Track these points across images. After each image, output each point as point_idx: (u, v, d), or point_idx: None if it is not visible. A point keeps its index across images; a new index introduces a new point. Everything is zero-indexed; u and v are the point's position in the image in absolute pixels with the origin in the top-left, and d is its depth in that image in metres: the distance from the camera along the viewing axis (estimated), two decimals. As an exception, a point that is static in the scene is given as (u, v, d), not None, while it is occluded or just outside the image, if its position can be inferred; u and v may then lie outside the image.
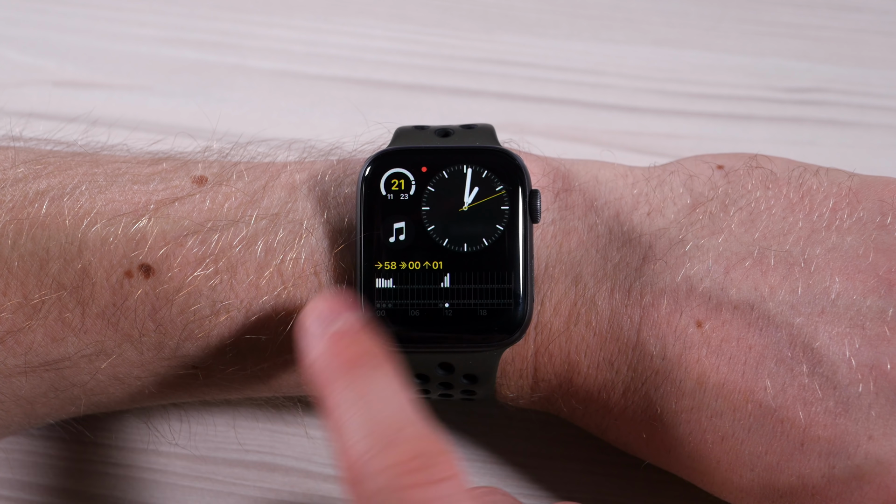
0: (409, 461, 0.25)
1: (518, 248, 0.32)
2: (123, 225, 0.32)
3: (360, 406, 0.27)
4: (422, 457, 0.25)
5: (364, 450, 0.26)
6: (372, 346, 0.28)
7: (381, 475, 0.25)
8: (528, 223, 0.32)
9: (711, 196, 0.34)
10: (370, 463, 0.25)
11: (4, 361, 0.32)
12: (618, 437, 0.35)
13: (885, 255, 0.33)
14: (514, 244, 0.32)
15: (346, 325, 0.29)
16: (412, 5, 0.50)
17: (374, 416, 0.26)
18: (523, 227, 0.32)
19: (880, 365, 0.31)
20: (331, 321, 0.29)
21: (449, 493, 0.25)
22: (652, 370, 0.32)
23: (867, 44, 0.49)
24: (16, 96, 0.47)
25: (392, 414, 0.26)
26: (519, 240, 0.32)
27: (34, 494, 0.38)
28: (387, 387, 0.27)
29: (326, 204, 0.33)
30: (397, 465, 0.25)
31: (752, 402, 0.32)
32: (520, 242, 0.32)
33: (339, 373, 0.27)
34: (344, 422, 0.26)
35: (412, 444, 0.26)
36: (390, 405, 0.27)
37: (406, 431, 0.26)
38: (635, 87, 0.48)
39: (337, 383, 0.27)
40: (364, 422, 0.26)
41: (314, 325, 0.29)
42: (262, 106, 0.47)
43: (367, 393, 0.27)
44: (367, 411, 0.26)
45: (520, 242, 0.32)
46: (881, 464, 0.31)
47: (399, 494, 0.25)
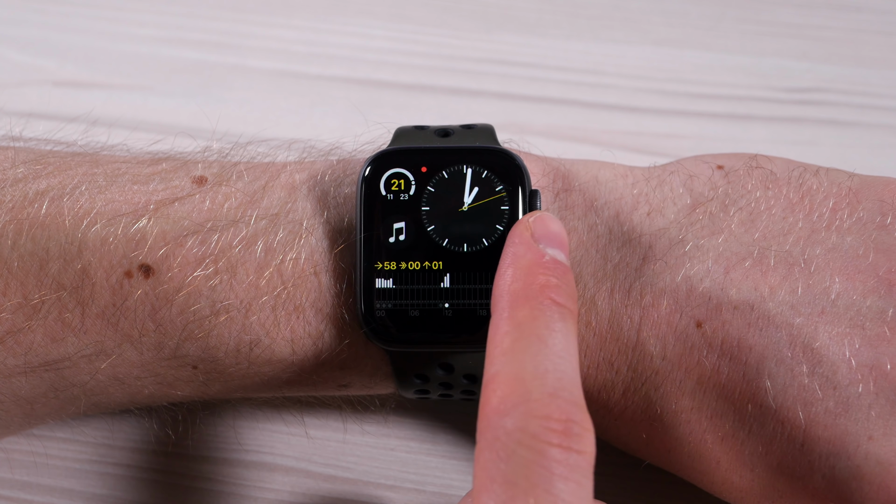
0: (561, 421, 0.25)
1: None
2: (123, 225, 0.32)
3: (541, 344, 0.26)
4: (574, 423, 0.25)
5: (525, 389, 0.25)
6: (575, 294, 0.28)
7: (531, 419, 0.25)
8: (528, 223, 0.32)
9: (711, 196, 0.34)
10: (526, 404, 0.25)
11: (4, 362, 0.32)
12: (618, 437, 0.35)
13: (885, 256, 0.33)
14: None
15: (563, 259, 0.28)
16: (412, 5, 0.50)
17: (548, 362, 0.26)
18: (523, 227, 0.32)
19: (880, 365, 0.31)
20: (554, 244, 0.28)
21: (581, 467, 0.25)
22: (652, 370, 0.32)
23: (867, 44, 0.49)
24: (16, 96, 0.47)
25: (565, 369, 0.26)
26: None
27: (34, 494, 0.38)
28: (570, 340, 0.27)
29: (326, 204, 0.33)
30: (550, 419, 0.25)
31: (752, 403, 0.32)
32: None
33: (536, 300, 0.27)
34: (519, 350, 0.26)
35: (570, 408, 0.25)
36: (566, 360, 0.26)
37: (570, 392, 0.25)
38: (635, 87, 0.48)
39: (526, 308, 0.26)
40: (538, 361, 0.26)
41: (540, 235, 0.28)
42: (262, 106, 0.47)
43: (551, 335, 0.26)
44: (546, 353, 0.26)
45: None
46: (881, 464, 0.31)
47: (540, 445, 0.24)
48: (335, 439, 0.39)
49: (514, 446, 0.24)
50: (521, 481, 0.24)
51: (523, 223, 0.29)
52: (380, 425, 0.39)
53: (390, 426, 0.39)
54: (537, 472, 0.24)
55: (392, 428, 0.39)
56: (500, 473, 0.24)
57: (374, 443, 0.39)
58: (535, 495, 0.24)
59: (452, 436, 0.39)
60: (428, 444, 0.39)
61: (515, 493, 0.24)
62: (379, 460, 0.38)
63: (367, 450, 0.39)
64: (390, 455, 0.38)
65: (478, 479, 0.25)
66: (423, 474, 0.38)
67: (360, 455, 0.38)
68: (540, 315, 0.27)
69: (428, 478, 0.38)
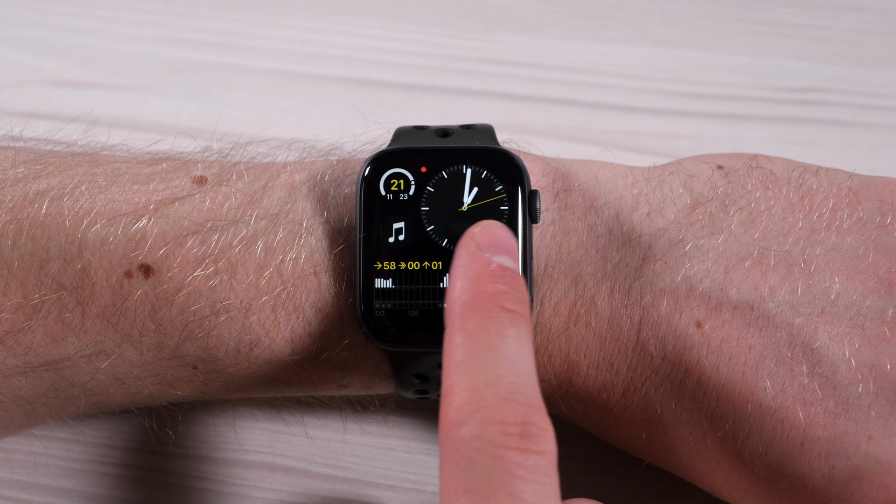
0: (518, 424, 0.25)
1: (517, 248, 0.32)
2: (123, 225, 0.32)
3: (492, 352, 0.26)
4: (530, 425, 0.25)
5: (479, 397, 0.25)
6: (525, 297, 0.28)
7: (487, 426, 0.25)
8: (528, 223, 0.32)
9: (711, 196, 0.34)
10: (481, 411, 0.25)
11: (4, 361, 0.32)
12: (618, 437, 0.35)
13: (885, 256, 0.33)
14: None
15: (511, 264, 0.28)
16: (412, 5, 0.50)
17: (501, 368, 0.26)
18: (523, 227, 0.32)
19: (880, 365, 0.31)
20: (500, 251, 0.28)
21: (542, 466, 0.25)
22: (652, 370, 0.32)
23: (867, 44, 0.49)
24: (16, 96, 0.47)
25: (519, 373, 0.26)
26: (518, 240, 0.32)
27: (34, 494, 0.38)
28: (523, 344, 0.27)
29: (326, 204, 0.33)
30: (505, 424, 0.25)
31: (751, 403, 0.32)
32: (519, 243, 0.32)
33: (485, 308, 0.27)
34: (471, 360, 0.26)
35: (525, 410, 0.25)
36: (519, 364, 0.26)
37: (524, 395, 0.26)
38: (635, 87, 0.48)
39: (476, 318, 0.27)
40: (491, 369, 0.26)
41: (486, 244, 0.28)
42: (262, 106, 0.47)
43: (503, 341, 0.26)
44: (498, 360, 0.26)
45: (519, 243, 0.32)
46: (881, 464, 0.31)
47: (497, 451, 0.25)
48: (335, 439, 0.39)
49: (473, 454, 0.25)
50: (482, 488, 0.24)
51: (468, 234, 0.29)
52: (380, 425, 0.39)
53: (390, 426, 0.39)
54: (497, 476, 0.24)
55: (392, 428, 0.39)
56: (463, 483, 0.24)
57: (374, 443, 0.39)
58: (498, 499, 0.24)
59: (452, 436, 0.39)
60: (428, 444, 0.39)
61: (478, 501, 0.24)
62: (379, 460, 0.38)
63: (367, 450, 0.39)
64: (390, 455, 0.38)
65: (443, 491, 0.25)
66: (423, 474, 0.38)
67: (360, 455, 0.38)
68: (490, 323, 0.27)
69: (428, 478, 0.38)
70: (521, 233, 0.32)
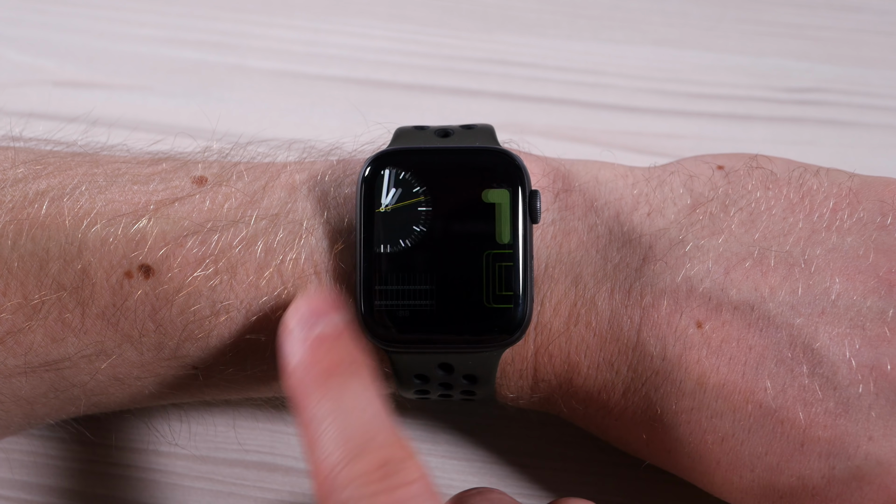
0: (376, 469, 0.26)
1: (518, 249, 0.32)
2: (123, 225, 0.32)
3: (333, 418, 0.27)
4: (389, 464, 0.26)
5: (335, 462, 0.27)
6: (350, 351, 0.29)
7: (350, 485, 0.26)
8: (528, 224, 0.32)
9: (711, 196, 0.34)
10: (341, 474, 0.26)
11: (4, 362, 0.32)
12: (618, 438, 0.35)
13: (886, 256, 0.33)
14: (513, 245, 0.32)
15: (327, 330, 0.29)
16: (412, 5, 0.50)
17: (346, 428, 0.27)
18: (523, 227, 0.32)
19: (880, 366, 0.31)
20: (313, 324, 0.29)
21: (414, 496, 0.26)
22: (652, 371, 0.32)
23: (867, 44, 0.49)
24: (16, 96, 0.47)
25: (364, 423, 0.27)
26: (519, 240, 0.32)
27: (34, 494, 0.38)
28: (361, 395, 0.28)
29: (326, 204, 0.33)
30: (365, 474, 0.26)
31: (752, 403, 0.32)
32: (519, 243, 0.32)
33: (316, 383, 0.28)
34: (318, 434, 0.27)
35: (380, 453, 0.27)
36: (363, 415, 0.28)
37: (375, 440, 0.27)
38: (635, 87, 0.48)
39: (313, 395, 0.28)
40: (337, 434, 0.27)
41: (296, 328, 0.29)
42: (262, 106, 0.47)
43: (341, 403, 0.28)
44: (341, 423, 0.27)
45: (519, 243, 0.32)
46: (881, 464, 0.31)
47: (367, 502, 0.26)
48: (335, 439, 0.39)
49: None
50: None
51: (282, 323, 0.30)
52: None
53: (390, 426, 0.39)
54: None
55: (392, 428, 0.39)
56: None
57: (374, 443, 0.39)
58: None
59: (452, 436, 0.39)
60: (428, 444, 0.39)
61: None
62: (379, 460, 0.38)
63: (367, 450, 0.38)
64: (390, 455, 0.38)
65: None
66: (423, 474, 0.38)
67: (360, 455, 0.38)
68: (325, 396, 0.28)
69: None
70: (521, 233, 0.32)
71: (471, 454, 0.39)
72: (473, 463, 0.38)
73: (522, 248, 0.32)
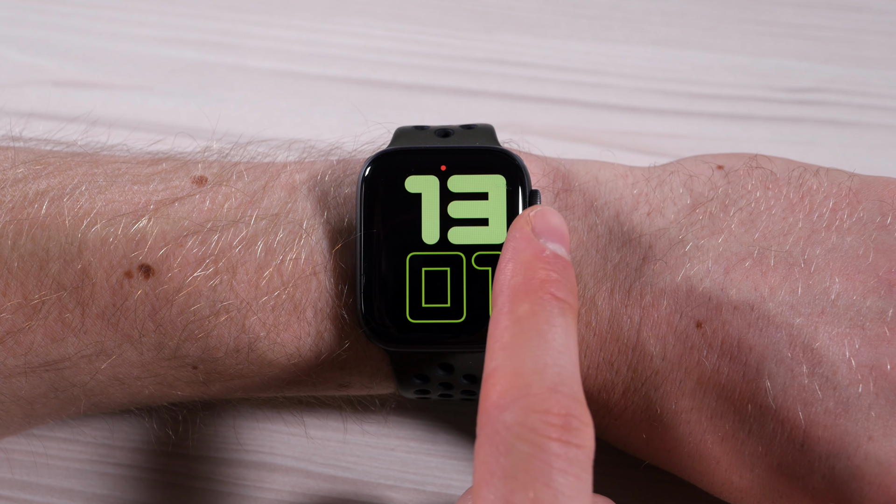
0: (559, 416, 0.25)
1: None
2: (123, 225, 0.32)
3: (540, 339, 0.26)
4: (572, 418, 0.25)
5: (525, 384, 0.25)
6: (574, 287, 0.28)
7: (531, 414, 0.25)
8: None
9: (711, 196, 0.34)
10: (526, 398, 0.25)
11: (4, 362, 0.32)
12: (618, 437, 0.35)
13: (885, 256, 0.33)
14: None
15: (563, 253, 0.28)
16: (412, 5, 0.50)
17: (548, 356, 0.26)
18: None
19: (880, 365, 0.31)
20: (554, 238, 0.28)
21: (580, 460, 0.25)
22: (652, 370, 0.33)
23: (867, 44, 0.49)
24: (16, 96, 0.47)
25: (564, 364, 0.26)
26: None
27: (34, 494, 0.38)
28: (570, 335, 0.27)
29: (326, 204, 0.33)
30: (549, 413, 0.25)
31: (751, 403, 0.32)
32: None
33: (536, 295, 0.27)
34: (518, 344, 0.26)
35: (569, 402, 0.25)
36: (565, 355, 0.26)
37: (569, 387, 0.25)
38: (635, 87, 0.48)
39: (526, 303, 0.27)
40: (538, 356, 0.26)
41: (541, 230, 0.28)
42: (262, 106, 0.47)
43: (551, 329, 0.26)
44: (544, 349, 0.26)
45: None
46: (881, 464, 0.31)
47: (539, 440, 0.24)
48: (335, 439, 0.39)
49: (514, 440, 0.24)
50: (520, 475, 0.24)
51: (524, 217, 0.29)
52: (380, 425, 0.39)
53: (390, 426, 0.39)
54: (536, 465, 0.24)
55: (392, 428, 0.39)
56: (500, 467, 0.24)
57: (374, 443, 0.39)
58: (535, 489, 0.24)
59: (452, 436, 0.39)
60: (428, 444, 0.39)
61: (515, 487, 0.24)
62: (379, 460, 0.38)
63: (367, 450, 0.39)
64: (390, 455, 0.38)
65: (477, 473, 0.25)
66: (423, 474, 0.38)
67: (360, 455, 0.38)
68: (540, 310, 0.27)
69: (428, 478, 0.38)
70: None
71: (471, 454, 0.39)
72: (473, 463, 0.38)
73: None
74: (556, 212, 0.29)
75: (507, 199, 0.32)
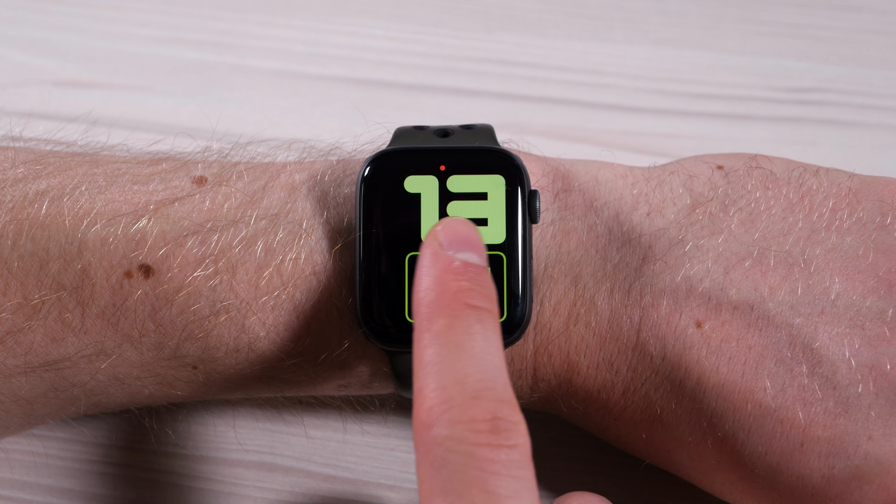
0: (486, 420, 0.25)
1: (517, 249, 0.32)
2: (123, 225, 0.32)
3: (459, 351, 0.26)
4: (500, 420, 0.25)
5: (448, 397, 0.25)
6: (491, 291, 0.28)
7: (457, 425, 0.25)
8: (528, 223, 0.32)
9: (711, 196, 0.34)
10: (450, 411, 0.25)
11: (4, 362, 0.32)
12: (618, 438, 0.35)
13: (885, 256, 0.33)
14: (513, 244, 0.32)
15: (475, 259, 0.28)
16: (412, 5, 0.50)
17: (468, 366, 0.26)
18: (522, 227, 0.32)
19: (880, 365, 0.31)
20: (464, 247, 0.28)
21: (514, 460, 0.25)
22: (651, 370, 0.33)
23: (867, 44, 0.49)
24: (16, 96, 0.47)
25: (486, 369, 0.26)
26: (518, 240, 0.32)
27: (34, 494, 0.38)
28: (490, 340, 0.27)
29: (326, 204, 0.33)
30: (475, 421, 0.25)
31: (751, 403, 0.32)
32: (519, 243, 0.32)
33: (451, 307, 0.27)
34: (439, 361, 0.26)
35: (494, 406, 0.25)
36: (487, 360, 0.26)
37: (493, 391, 0.26)
38: (635, 87, 0.48)
39: (442, 318, 0.27)
40: (458, 368, 0.26)
41: (447, 244, 0.28)
42: (262, 106, 0.47)
43: (469, 339, 0.27)
44: (465, 359, 0.26)
45: (519, 243, 0.32)
46: (881, 464, 0.31)
47: (469, 448, 0.25)
48: (335, 439, 0.39)
49: (446, 454, 0.25)
50: (456, 486, 0.24)
51: (431, 233, 0.29)
52: (380, 425, 0.39)
53: (390, 426, 0.39)
54: (471, 474, 0.24)
55: (392, 428, 0.39)
56: (438, 483, 0.25)
57: (374, 443, 0.39)
58: (472, 496, 0.24)
59: (452, 436, 0.39)
60: (428, 444, 0.39)
61: (454, 500, 0.24)
62: (379, 460, 0.38)
63: (367, 450, 0.39)
64: (390, 455, 0.38)
65: (420, 493, 0.25)
66: (423, 474, 0.38)
67: (360, 455, 0.38)
68: (456, 322, 0.27)
69: (428, 478, 0.38)
70: (520, 233, 0.32)
71: (471, 454, 0.39)
72: (416, 483, 0.38)
73: (521, 247, 0.32)
74: (463, 220, 0.29)
75: (507, 200, 0.32)
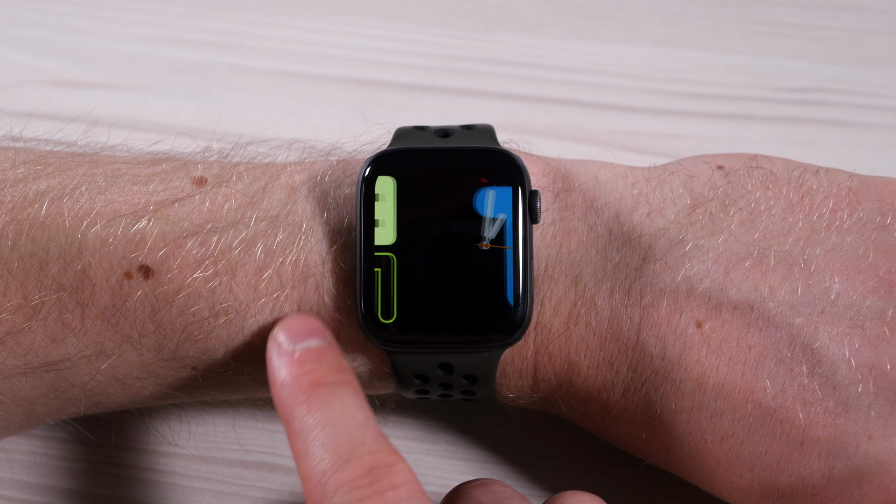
0: (364, 475, 0.27)
1: (518, 249, 0.32)
2: (123, 226, 0.32)
3: (322, 427, 0.28)
4: (377, 469, 0.27)
5: (324, 469, 0.27)
6: (338, 362, 0.30)
7: (339, 491, 0.27)
8: (528, 224, 0.32)
9: (711, 196, 0.34)
10: (330, 481, 0.27)
11: (4, 362, 0.32)
12: (618, 438, 0.35)
13: (885, 256, 0.33)
14: (513, 244, 0.32)
15: (315, 344, 0.30)
16: (412, 5, 0.50)
17: (334, 436, 0.28)
18: (523, 227, 0.32)
19: (880, 365, 0.31)
20: (300, 339, 0.30)
21: (402, 499, 0.27)
22: (652, 370, 0.33)
23: (867, 44, 0.49)
24: (16, 96, 0.47)
25: (351, 431, 0.28)
26: (519, 240, 0.32)
27: (34, 494, 0.38)
28: (349, 405, 0.29)
29: (326, 205, 0.33)
30: (354, 480, 0.27)
31: (751, 403, 0.32)
32: (519, 243, 0.32)
33: (304, 394, 0.29)
34: (307, 444, 0.28)
35: (368, 458, 0.27)
36: (351, 423, 0.28)
37: (363, 447, 0.28)
38: (635, 87, 0.48)
39: (302, 406, 0.29)
40: (326, 442, 0.28)
41: (285, 341, 0.30)
42: (262, 106, 0.47)
43: (329, 413, 0.28)
44: (329, 431, 0.28)
45: (519, 243, 0.32)
46: (881, 464, 0.31)
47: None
48: (335, 439, 0.39)
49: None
50: None
51: (270, 337, 0.31)
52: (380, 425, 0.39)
53: (390, 426, 0.39)
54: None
55: (392, 428, 0.39)
56: None
57: (374, 443, 0.39)
58: None
59: (452, 436, 0.39)
60: (428, 444, 0.39)
61: None
62: (379, 460, 0.38)
63: (367, 450, 0.38)
64: (390, 455, 0.38)
65: None
66: (423, 474, 0.38)
67: (360, 455, 0.38)
68: (314, 405, 0.29)
69: (428, 478, 0.38)
70: (521, 233, 0.32)
71: (471, 454, 0.39)
72: (473, 463, 0.38)
73: (522, 248, 0.32)
74: (295, 313, 0.32)
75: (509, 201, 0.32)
